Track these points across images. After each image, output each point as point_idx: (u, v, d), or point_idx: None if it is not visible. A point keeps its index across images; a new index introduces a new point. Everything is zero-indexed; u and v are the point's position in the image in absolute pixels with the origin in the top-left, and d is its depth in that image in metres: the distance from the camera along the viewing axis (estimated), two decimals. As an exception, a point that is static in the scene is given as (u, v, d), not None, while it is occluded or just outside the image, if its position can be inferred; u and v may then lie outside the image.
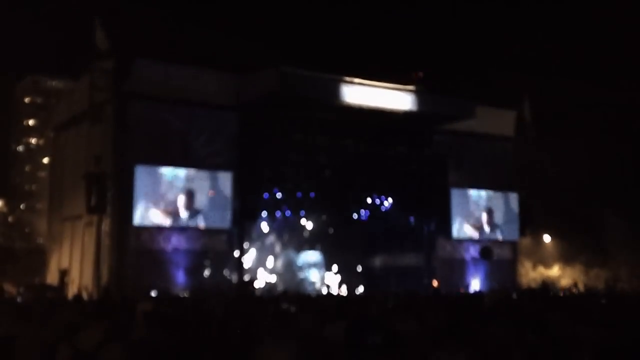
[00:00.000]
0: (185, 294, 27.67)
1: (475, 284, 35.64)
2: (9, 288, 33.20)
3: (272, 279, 35.99)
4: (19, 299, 25.96)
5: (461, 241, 36.75)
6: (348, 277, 37.72)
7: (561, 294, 29.88)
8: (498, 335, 7.76)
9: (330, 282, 37.27)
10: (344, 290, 35.97)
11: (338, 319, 8.47)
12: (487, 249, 35.23)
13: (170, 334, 7.83)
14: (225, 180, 31.29)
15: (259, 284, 34.33)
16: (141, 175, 29.76)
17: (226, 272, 31.22)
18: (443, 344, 6.73)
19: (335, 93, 31.20)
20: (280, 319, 9.73)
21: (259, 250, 35.57)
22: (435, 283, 34.23)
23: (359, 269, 38.47)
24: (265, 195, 33.18)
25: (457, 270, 36.20)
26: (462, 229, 36.55)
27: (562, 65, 45.34)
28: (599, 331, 7.33)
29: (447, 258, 36.36)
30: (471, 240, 36.82)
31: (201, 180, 30.91)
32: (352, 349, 6.45)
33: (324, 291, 35.59)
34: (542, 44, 46.18)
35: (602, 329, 7.61)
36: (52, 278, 33.59)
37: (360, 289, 36.81)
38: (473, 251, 36.78)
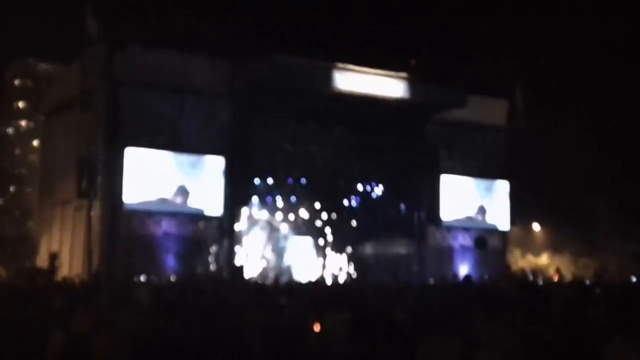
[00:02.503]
0: (174, 279, 27.70)
1: (464, 273, 35.72)
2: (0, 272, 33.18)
3: (263, 265, 36.04)
4: (10, 283, 25.86)
5: (451, 230, 36.85)
6: (339, 265, 37.83)
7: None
8: (489, 324, 7.80)
9: (321, 269, 37.34)
10: (334, 278, 36.05)
11: (332, 308, 8.49)
12: (481, 239, 35.27)
13: (170, 322, 7.83)
14: (217, 166, 31.34)
15: (249, 270, 34.36)
16: (132, 160, 29.74)
17: (217, 258, 31.24)
18: (436, 332, 6.77)
19: (327, 81, 31.20)
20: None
21: (250, 237, 35.59)
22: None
23: (350, 256, 38.51)
24: (257, 181, 33.25)
25: (446, 258, 36.31)
26: (452, 217, 36.64)
27: (555, 55, 45.37)
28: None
29: (437, 246, 36.48)
30: (461, 229, 36.93)
31: (192, 166, 30.92)
32: (357, 342, 6.46)
33: (314, 278, 35.65)
34: (536, 32, 46.19)
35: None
36: (42, 262, 33.55)
37: (351, 277, 36.91)
38: (462, 240, 36.94)
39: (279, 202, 35.57)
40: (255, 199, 34.16)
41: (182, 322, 7.76)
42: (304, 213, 36.99)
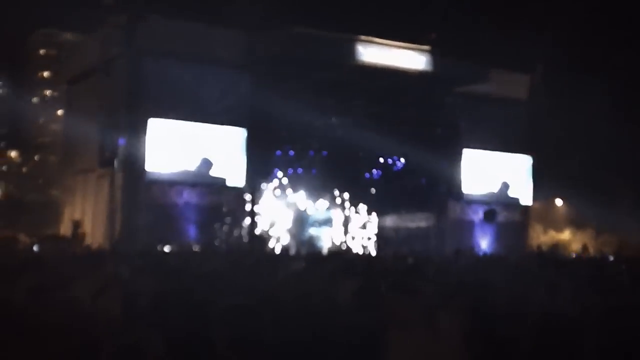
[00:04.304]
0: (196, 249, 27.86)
1: (484, 247, 35.70)
2: (23, 239, 33.53)
3: (284, 236, 36.15)
4: (35, 249, 26.13)
5: (471, 203, 36.77)
6: (359, 237, 37.90)
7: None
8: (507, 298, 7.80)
9: (341, 240, 37.43)
10: (355, 249, 36.14)
11: (349, 276, 8.52)
12: (490, 211, 35.20)
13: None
14: (238, 137, 31.43)
15: (269, 241, 34.49)
16: (154, 129, 29.87)
17: (237, 229, 31.41)
18: (454, 303, 6.78)
19: (348, 52, 31.13)
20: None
21: (270, 208, 35.68)
22: None
23: (370, 228, 38.57)
24: (278, 153, 33.29)
25: (466, 232, 36.28)
26: (473, 191, 36.53)
27: (578, 29, 44.86)
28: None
29: (457, 220, 36.44)
30: (482, 203, 36.83)
31: (214, 136, 31.03)
32: (364, 301, 6.50)
33: (334, 249, 35.73)
34: (558, 6, 45.66)
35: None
36: (64, 230, 33.90)
37: (371, 249, 37.00)
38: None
39: (300, 173, 35.60)
40: (276, 170, 34.23)
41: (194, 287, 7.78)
42: (324, 185, 37.01)
